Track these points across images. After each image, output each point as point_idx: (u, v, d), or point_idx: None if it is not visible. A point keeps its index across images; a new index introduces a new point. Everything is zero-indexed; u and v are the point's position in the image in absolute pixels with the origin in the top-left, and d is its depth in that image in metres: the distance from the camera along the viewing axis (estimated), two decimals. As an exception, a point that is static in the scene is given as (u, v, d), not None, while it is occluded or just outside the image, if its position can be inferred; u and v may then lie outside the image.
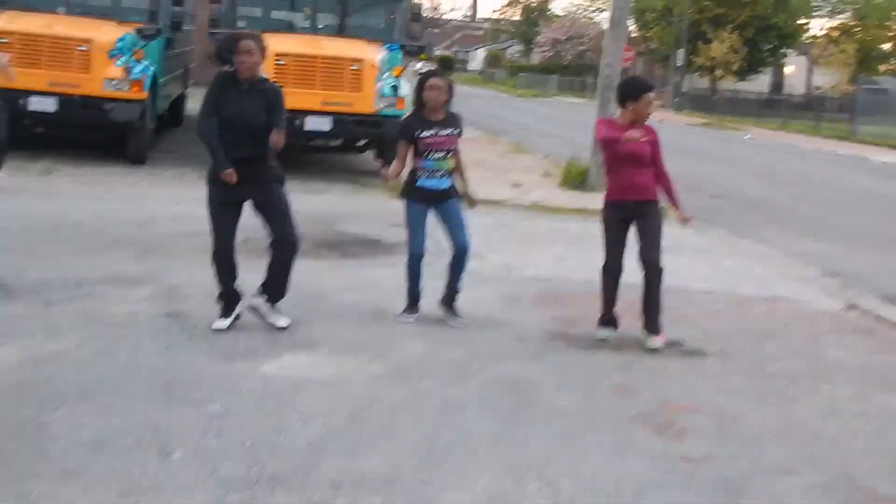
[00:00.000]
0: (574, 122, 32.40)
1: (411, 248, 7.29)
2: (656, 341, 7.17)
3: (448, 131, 7.21)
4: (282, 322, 6.85)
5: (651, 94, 7.09)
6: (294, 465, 4.64)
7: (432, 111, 7.22)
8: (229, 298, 6.79)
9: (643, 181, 7.14)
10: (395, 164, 7.27)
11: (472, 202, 7.49)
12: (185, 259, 8.69)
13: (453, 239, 7.30)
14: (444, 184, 7.24)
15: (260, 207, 6.71)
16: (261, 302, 6.87)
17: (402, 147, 7.29)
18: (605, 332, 7.33)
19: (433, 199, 7.24)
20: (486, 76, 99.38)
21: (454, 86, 7.34)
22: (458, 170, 7.45)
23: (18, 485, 4.21)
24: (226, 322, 6.73)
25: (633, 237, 7.20)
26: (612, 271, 7.23)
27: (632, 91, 7.12)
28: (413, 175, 7.28)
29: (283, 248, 6.78)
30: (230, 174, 6.47)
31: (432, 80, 7.21)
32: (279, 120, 6.58)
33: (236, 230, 6.72)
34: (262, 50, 6.61)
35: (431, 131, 7.18)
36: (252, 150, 6.54)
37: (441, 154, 7.20)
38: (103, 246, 9.20)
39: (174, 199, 11.79)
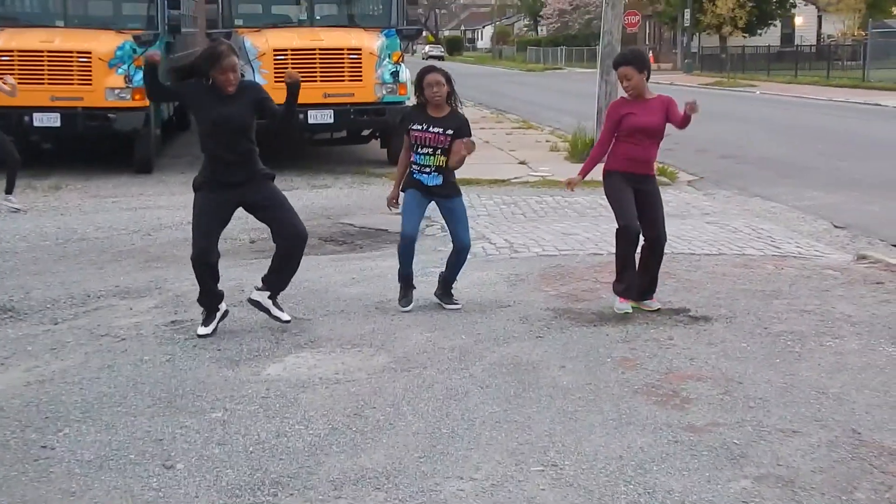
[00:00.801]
0: (582, 93, 32.19)
1: (403, 230, 7.26)
2: (655, 302, 7.33)
3: (439, 130, 7.13)
4: (285, 316, 6.85)
5: (622, 69, 7.10)
6: (296, 468, 4.63)
7: (434, 107, 7.17)
8: (211, 301, 6.75)
9: (649, 156, 7.17)
10: (402, 156, 7.35)
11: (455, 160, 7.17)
12: (189, 266, 8.66)
13: (455, 236, 7.29)
14: (434, 181, 7.19)
15: (257, 206, 6.65)
16: (264, 297, 6.85)
17: (405, 138, 7.32)
18: (624, 306, 7.25)
19: (430, 193, 7.22)
20: (495, 53, 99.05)
21: (452, 79, 7.24)
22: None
23: (21, 509, 4.23)
24: (209, 328, 6.68)
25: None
26: (631, 231, 7.04)
27: (614, 66, 7.22)
28: (410, 167, 7.28)
29: (292, 240, 6.68)
30: (152, 53, 6.41)
31: (429, 77, 7.12)
32: (275, 109, 6.59)
33: (219, 235, 6.64)
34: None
35: (422, 126, 7.13)
36: (240, 155, 6.50)
37: (427, 150, 7.14)
38: (110, 259, 9.24)
39: (181, 204, 11.83)
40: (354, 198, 12.79)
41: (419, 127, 7.13)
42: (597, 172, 7.32)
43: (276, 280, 6.84)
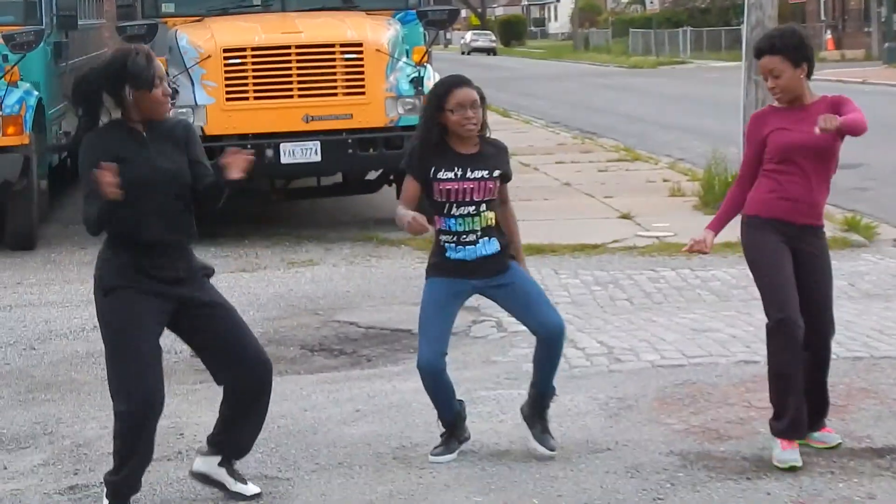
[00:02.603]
0: (720, 102, 32.30)
1: (420, 355, 7.29)
2: (832, 433, 7.40)
3: (480, 174, 7.20)
4: (250, 489, 6.92)
5: (766, 60, 7.23)
6: None
7: (460, 140, 7.25)
8: (136, 479, 6.75)
9: (815, 195, 7.27)
10: (401, 211, 7.27)
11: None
12: (97, 396, 8.81)
13: (535, 320, 7.31)
14: (486, 249, 7.25)
15: (192, 316, 6.70)
16: (212, 465, 6.91)
17: (408, 186, 7.33)
18: (790, 457, 7.16)
19: (475, 274, 7.28)
20: (578, 41, 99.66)
21: (485, 100, 7.30)
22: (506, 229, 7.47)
23: None
24: None
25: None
26: (791, 327, 7.10)
27: (755, 55, 7.36)
28: (438, 241, 7.35)
29: (255, 371, 6.76)
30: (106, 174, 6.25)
31: (461, 94, 7.14)
32: (202, 160, 6.68)
33: (162, 364, 6.70)
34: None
35: (453, 172, 7.20)
36: (171, 231, 6.56)
37: (470, 209, 7.21)
38: (-28, 388, 9.38)
39: (80, 298, 11.96)
40: (357, 280, 12.87)
41: (449, 175, 7.19)
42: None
43: (232, 441, 6.90)
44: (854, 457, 7.23)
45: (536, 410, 7.50)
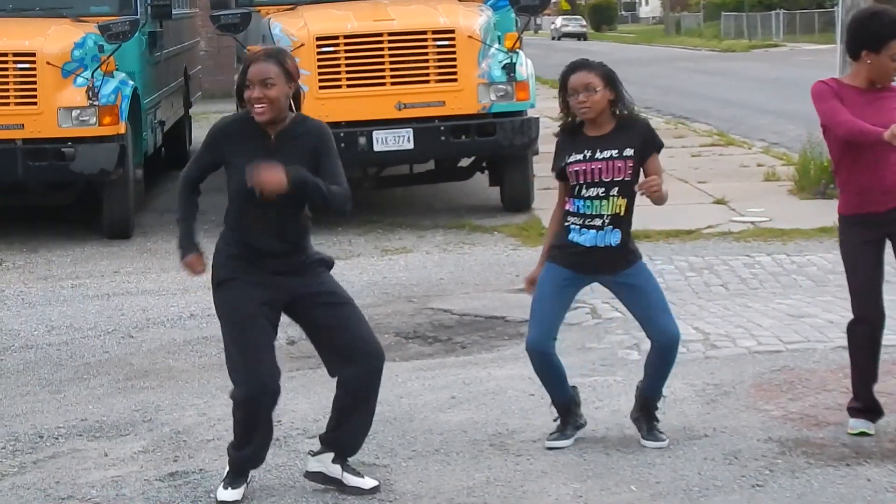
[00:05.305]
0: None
1: (528, 338, 7.36)
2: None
3: (609, 153, 7.21)
4: (368, 482, 6.95)
5: None
6: None
7: (592, 125, 7.28)
8: (252, 459, 6.90)
9: None
10: (555, 213, 7.48)
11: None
12: (195, 384, 8.91)
13: (654, 327, 7.34)
14: (610, 238, 7.25)
15: (308, 307, 6.76)
16: (326, 462, 6.94)
17: (560, 187, 7.44)
18: (860, 425, 7.38)
19: (590, 266, 7.31)
20: (669, 26, 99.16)
21: (617, 79, 7.34)
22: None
23: None
24: (237, 493, 6.81)
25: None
26: (864, 326, 7.34)
27: (871, 34, 7.16)
28: (563, 224, 7.38)
29: (366, 363, 6.78)
30: (193, 262, 6.74)
31: (574, 79, 7.20)
32: (334, 174, 6.66)
33: (275, 353, 6.78)
34: (291, 73, 6.67)
35: (582, 154, 7.23)
36: (280, 241, 6.64)
37: (598, 191, 7.20)
38: (73, 375, 9.48)
39: (178, 287, 12.12)
40: (450, 267, 12.90)
41: (578, 157, 7.22)
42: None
43: (346, 436, 6.95)
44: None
45: (644, 414, 7.51)
